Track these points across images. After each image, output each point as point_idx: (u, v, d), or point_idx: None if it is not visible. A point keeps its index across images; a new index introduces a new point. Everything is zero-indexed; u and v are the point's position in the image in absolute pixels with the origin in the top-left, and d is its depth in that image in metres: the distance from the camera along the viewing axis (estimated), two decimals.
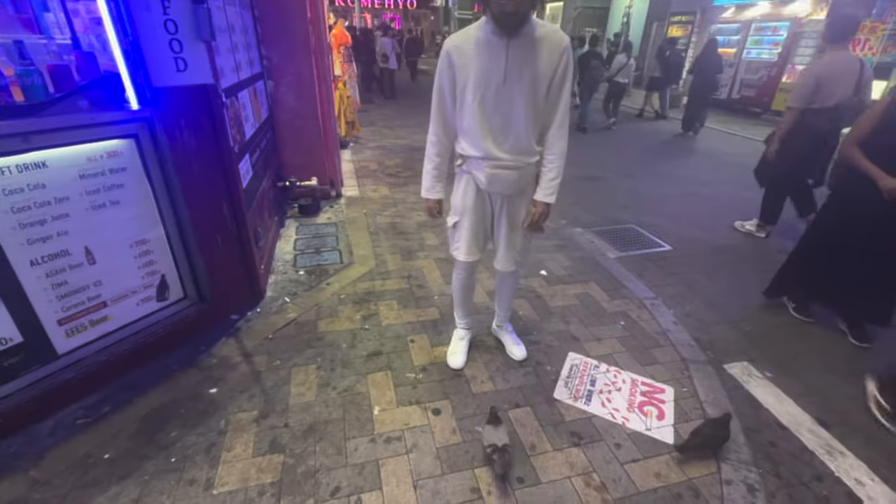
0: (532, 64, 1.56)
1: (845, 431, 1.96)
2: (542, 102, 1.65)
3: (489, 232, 1.97)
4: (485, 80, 1.59)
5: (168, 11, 1.76)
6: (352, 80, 6.61)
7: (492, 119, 1.65)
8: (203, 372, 2.06)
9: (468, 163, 1.79)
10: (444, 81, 1.67)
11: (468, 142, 1.73)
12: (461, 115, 1.70)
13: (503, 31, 1.51)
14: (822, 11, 10.08)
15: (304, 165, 3.84)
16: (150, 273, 2.07)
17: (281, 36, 3.36)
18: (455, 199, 1.90)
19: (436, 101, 1.73)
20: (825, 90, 3.15)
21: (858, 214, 2.40)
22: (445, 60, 1.63)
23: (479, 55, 1.57)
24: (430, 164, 1.85)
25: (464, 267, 2.04)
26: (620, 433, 1.85)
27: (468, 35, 1.61)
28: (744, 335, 2.60)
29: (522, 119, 1.64)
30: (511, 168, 1.72)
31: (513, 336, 2.31)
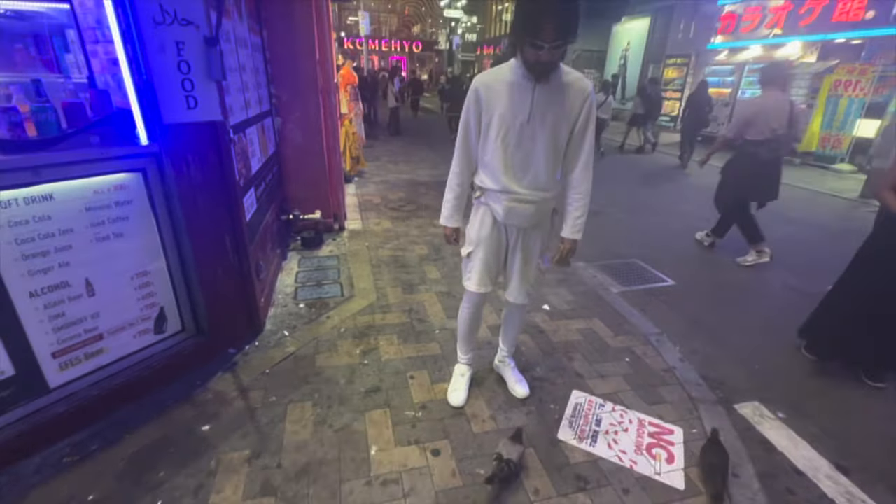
0: (556, 107, 1.64)
1: (866, 478, 1.86)
2: (563, 144, 1.73)
3: (502, 265, 1.99)
4: (509, 118, 1.66)
5: (182, 53, 1.84)
6: (358, 118, 6.81)
7: (513, 156, 1.71)
8: (197, 408, 2.00)
9: (486, 195, 1.84)
10: (470, 116, 1.74)
11: (488, 175, 1.79)
12: (484, 149, 1.76)
13: (534, 77, 1.59)
14: (813, 55, 10.48)
15: (309, 199, 3.90)
16: (149, 305, 2.06)
17: (290, 76, 3.50)
18: (471, 230, 1.93)
19: (462, 135, 1.79)
20: (758, 124, 3.68)
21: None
22: (473, 96, 1.70)
23: (506, 94, 1.64)
24: (452, 193, 1.89)
25: (473, 299, 2.02)
26: (628, 477, 1.77)
27: (498, 75, 1.68)
28: (753, 373, 2.53)
29: (542, 158, 1.71)
30: (528, 202, 1.76)
31: (516, 373, 2.25)
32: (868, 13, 9.24)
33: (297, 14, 3.36)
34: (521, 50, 1.56)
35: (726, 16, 12.55)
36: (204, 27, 1.87)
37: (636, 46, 16.29)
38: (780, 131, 3.67)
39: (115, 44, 1.75)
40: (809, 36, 10.48)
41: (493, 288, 2.00)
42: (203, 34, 1.87)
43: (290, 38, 3.39)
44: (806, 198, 6.74)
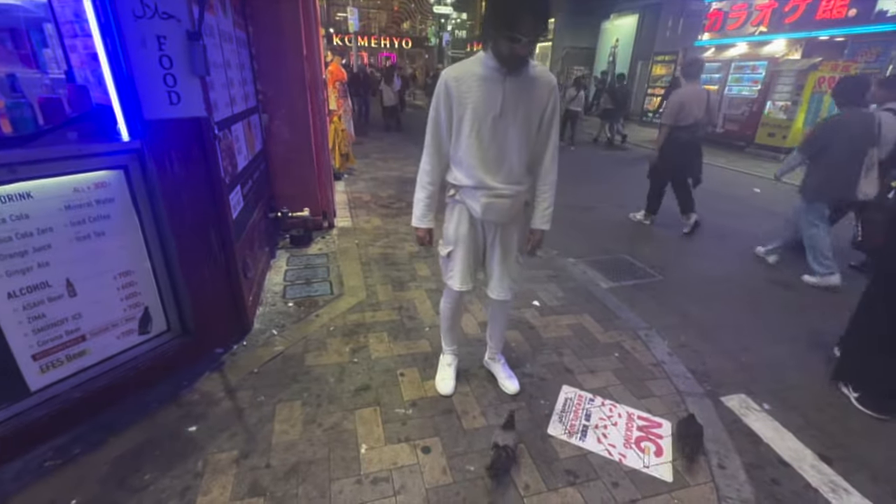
0: (526, 100, 1.65)
1: (849, 467, 1.89)
2: (534, 136, 1.73)
3: (481, 261, 1.98)
4: (482, 112, 1.64)
5: (164, 48, 1.80)
6: (347, 115, 6.76)
7: (487, 150, 1.70)
8: (183, 409, 1.97)
9: (461, 192, 1.82)
10: (440, 111, 1.71)
11: (462, 171, 1.77)
12: (457, 145, 1.74)
13: (507, 70, 1.59)
14: (797, 52, 10.64)
15: (297, 196, 3.85)
16: (133, 305, 2.02)
17: (277, 72, 3.45)
18: (448, 229, 1.91)
19: (432, 131, 1.76)
20: (685, 112, 4.27)
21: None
22: (443, 90, 1.67)
23: (478, 88, 1.63)
24: (424, 192, 1.85)
25: (455, 295, 2.03)
26: (618, 471, 1.78)
27: (467, 69, 1.66)
28: (740, 366, 2.57)
29: (516, 150, 1.71)
30: (505, 196, 1.76)
31: (505, 369, 2.26)
32: (851, 11, 9.40)
33: (283, 9, 3.31)
34: (496, 43, 1.55)
35: (713, 13, 12.67)
36: (186, 21, 1.84)
37: (625, 43, 16.38)
38: (701, 117, 4.32)
39: (94, 38, 1.71)
40: (794, 33, 10.63)
41: (474, 284, 2.00)
42: (185, 28, 1.84)
43: (277, 33, 3.34)
44: (790, 192, 6.83)
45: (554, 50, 18.75)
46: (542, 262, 3.73)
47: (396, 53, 30.60)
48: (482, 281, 2.06)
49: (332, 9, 29.00)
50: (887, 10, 8.89)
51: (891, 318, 2.12)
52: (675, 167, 4.56)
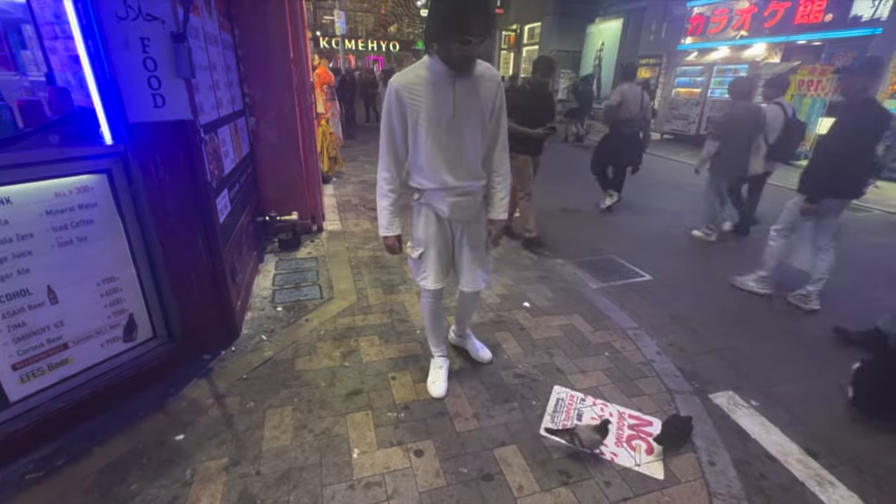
0: (475, 98, 1.70)
1: (834, 461, 1.93)
2: (486, 131, 1.79)
3: (451, 258, 2.03)
4: (436, 116, 1.67)
5: (148, 50, 1.77)
6: (335, 118, 6.73)
7: (446, 152, 1.73)
8: (170, 417, 1.94)
9: (426, 195, 1.85)
10: (394, 120, 1.71)
11: (424, 176, 1.79)
12: (416, 151, 1.76)
13: (457, 72, 1.61)
14: (777, 56, 10.89)
15: (285, 200, 3.82)
16: (118, 312, 1.98)
17: (263, 75, 3.42)
18: (417, 232, 1.94)
19: (386, 140, 1.76)
20: (624, 108, 4.97)
21: None
22: (394, 99, 1.67)
23: (428, 93, 1.65)
24: (386, 200, 1.84)
25: (433, 294, 2.05)
26: (609, 470, 1.79)
27: (416, 75, 1.67)
28: (727, 364, 2.61)
29: (472, 148, 1.77)
30: (469, 194, 1.83)
31: (475, 342, 2.41)
32: (827, 16, 9.66)
33: (269, 11, 3.29)
34: (444, 47, 1.56)
35: (695, 18, 12.91)
36: (171, 23, 1.81)
37: (610, 47, 16.59)
38: (636, 113, 5.03)
39: (76, 40, 1.68)
40: (773, 38, 10.88)
41: (447, 280, 2.04)
42: (170, 30, 1.81)
43: (263, 35, 3.32)
44: (775, 194, 6.97)
45: (540, 52, 18.92)
46: (531, 264, 3.75)
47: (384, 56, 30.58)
48: (453, 277, 2.10)
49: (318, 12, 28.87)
50: (861, 15, 9.17)
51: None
52: (618, 156, 5.33)
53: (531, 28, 19.97)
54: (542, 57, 3.84)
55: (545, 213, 5.30)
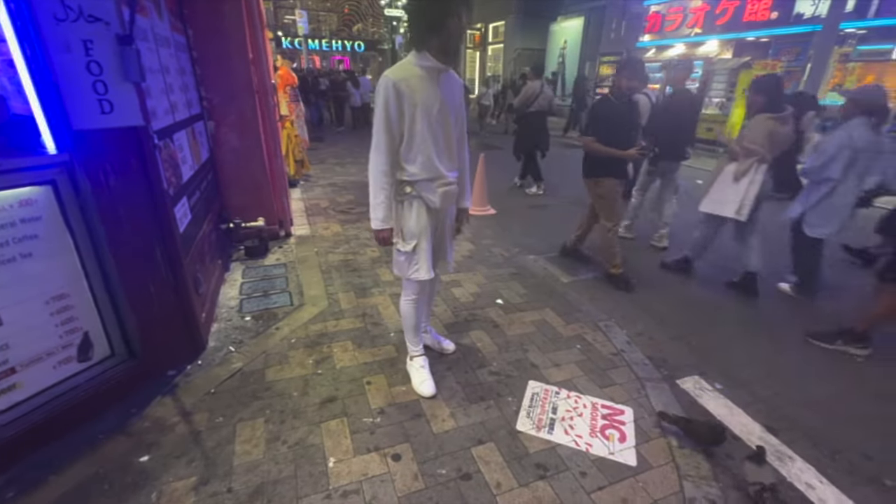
0: (452, 94, 1.87)
1: (793, 436, 2.04)
2: (458, 126, 1.95)
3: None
4: (428, 106, 1.77)
5: (91, 53, 1.68)
6: (299, 120, 6.58)
7: (439, 141, 1.84)
8: (133, 438, 1.85)
9: (418, 187, 1.89)
10: (391, 112, 1.76)
11: (419, 167, 1.85)
12: (411, 142, 1.82)
13: (448, 61, 1.75)
14: (729, 52, 11.39)
15: (250, 206, 3.71)
16: (71, 331, 1.87)
17: (221, 77, 3.30)
18: (409, 225, 1.95)
19: (384, 132, 1.79)
20: (534, 101, 5.97)
21: None
22: (393, 92, 1.73)
23: (422, 86, 1.76)
24: (384, 193, 1.87)
25: (420, 287, 2.08)
26: (585, 460, 1.83)
27: (408, 70, 1.77)
28: (693, 350, 2.71)
29: (454, 140, 1.93)
30: (454, 183, 1.98)
31: (436, 335, 2.51)
32: (773, 14, 10.18)
33: (225, 11, 3.18)
34: (446, 30, 1.68)
35: (652, 16, 13.35)
36: (115, 24, 1.72)
37: (573, 45, 16.93)
38: (544, 104, 6.05)
39: (10, 43, 1.58)
40: (725, 35, 11.37)
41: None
42: (115, 32, 1.72)
43: (219, 36, 3.20)
44: None
45: (505, 51, 19.11)
46: (503, 261, 3.78)
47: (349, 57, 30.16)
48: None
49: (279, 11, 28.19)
50: (804, 13, 9.70)
51: None
52: (531, 144, 6.24)
53: (495, 27, 20.15)
54: (632, 58, 3.31)
55: (512, 209, 5.37)
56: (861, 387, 2.40)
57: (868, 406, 2.27)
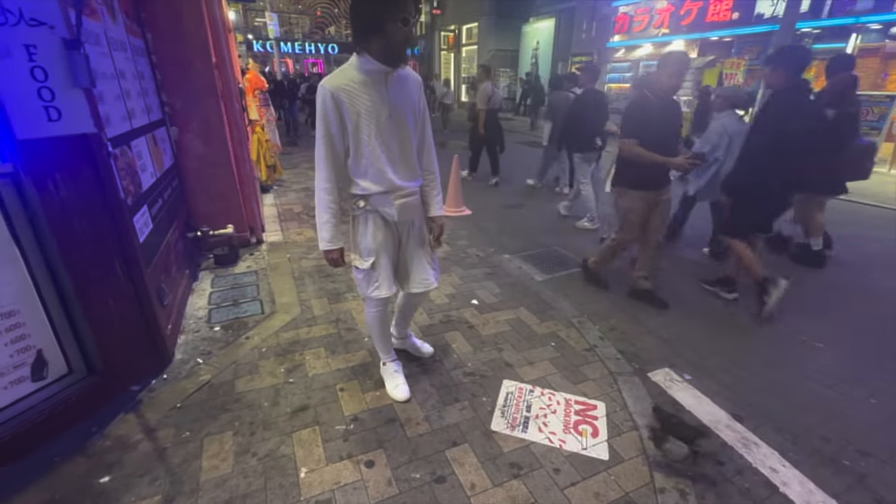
0: (405, 97, 1.72)
1: (757, 423, 2.11)
2: (418, 130, 1.83)
3: (397, 263, 2.00)
4: (374, 114, 1.65)
5: (35, 58, 1.61)
6: (270, 124, 6.47)
7: (388, 151, 1.72)
8: (93, 459, 1.77)
9: (371, 201, 1.79)
10: (331, 124, 1.64)
11: (370, 180, 1.75)
12: (357, 154, 1.71)
13: (395, 63, 1.60)
14: (694, 51, 11.72)
15: (219, 213, 3.61)
16: (22, 350, 1.78)
17: (183, 81, 3.21)
18: (365, 242, 1.86)
19: (325, 147, 1.68)
20: (493, 99, 6.51)
21: None
22: (331, 103, 1.61)
23: (364, 93, 1.63)
24: (328, 213, 1.76)
25: (381, 303, 2.01)
26: (558, 457, 1.84)
27: (347, 76, 1.63)
28: (663, 342, 2.77)
29: (410, 146, 1.79)
30: (412, 194, 1.84)
31: (415, 340, 2.45)
32: (734, 14, 10.54)
33: (185, 14, 3.09)
34: (386, 34, 1.53)
35: (620, 17, 13.65)
36: (61, 28, 1.66)
37: (545, 45, 17.16)
38: (496, 103, 6.64)
39: None
40: (690, 35, 11.72)
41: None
42: (60, 36, 1.65)
43: (180, 40, 3.11)
44: None
45: (479, 53, 19.23)
46: (479, 261, 3.80)
47: (323, 60, 29.81)
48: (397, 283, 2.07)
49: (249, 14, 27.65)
50: (763, 13, 10.08)
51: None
52: (489, 139, 6.66)
53: (469, 28, 20.25)
54: (675, 52, 2.91)
55: (487, 209, 5.40)
56: (820, 372, 2.50)
57: (825, 390, 2.36)
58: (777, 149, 2.75)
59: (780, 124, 2.73)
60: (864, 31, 8.87)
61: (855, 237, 4.62)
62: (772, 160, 2.79)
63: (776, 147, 2.75)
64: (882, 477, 1.83)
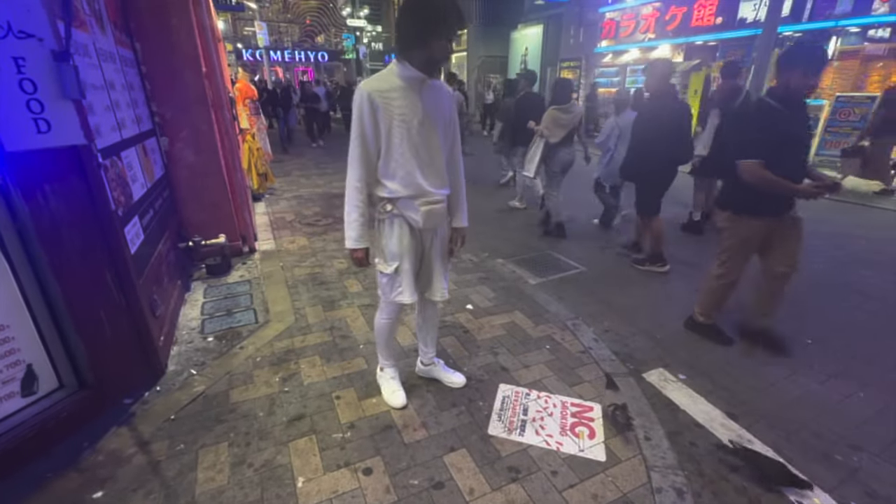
0: (438, 106, 1.76)
1: (751, 420, 2.13)
2: (447, 139, 1.84)
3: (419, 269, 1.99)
4: (408, 119, 1.68)
5: (24, 70, 1.60)
6: (261, 132, 6.46)
7: (420, 156, 1.74)
8: (85, 474, 1.74)
9: (399, 205, 1.80)
10: (366, 125, 1.67)
11: (398, 183, 1.75)
12: (388, 157, 1.73)
13: (431, 74, 1.68)
14: (680, 56, 11.92)
15: (211, 223, 3.60)
16: (12, 364, 1.76)
17: (173, 91, 3.20)
18: (391, 246, 1.85)
19: (359, 146, 1.71)
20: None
21: None
22: (368, 105, 1.64)
23: (400, 98, 1.67)
24: (357, 212, 1.77)
25: (397, 310, 2.01)
26: (556, 459, 1.85)
27: (386, 80, 1.68)
28: (657, 343, 2.79)
29: (439, 155, 1.80)
30: (439, 202, 1.84)
31: (445, 368, 2.32)
32: (718, 19, 10.75)
33: (174, 24, 3.09)
34: (428, 49, 1.61)
35: (607, 22, 13.85)
36: (50, 40, 1.65)
37: (534, 51, 17.36)
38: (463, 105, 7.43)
39: None
40: (675, 39, 11.92)
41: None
42: (49, 48, 1.65)
43: (169, 50, 3.11)
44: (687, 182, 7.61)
45: (469, 59, 19.40)
46: (473, 266, 3.81)
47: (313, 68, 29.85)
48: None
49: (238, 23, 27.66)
50: (746, 18, 10.29)
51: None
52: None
53: (459, 34, 20.42)
54: (805, 44, 2.37)
55: (481, 214, 5.42)
56: (810, 368, 2.54)
57: (816, 386, 2.39)
58: (652, 141, 3.47)
59: (654, 122, 3.48)
60: (844, 34, 9.09)
61: (842, 235, 4.71)
62: (652, 150, 3.49)
63: (653, 140, 3.47)
64: (874, 471, 1.85)
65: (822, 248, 4.18)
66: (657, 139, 3.45)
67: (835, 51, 9.02)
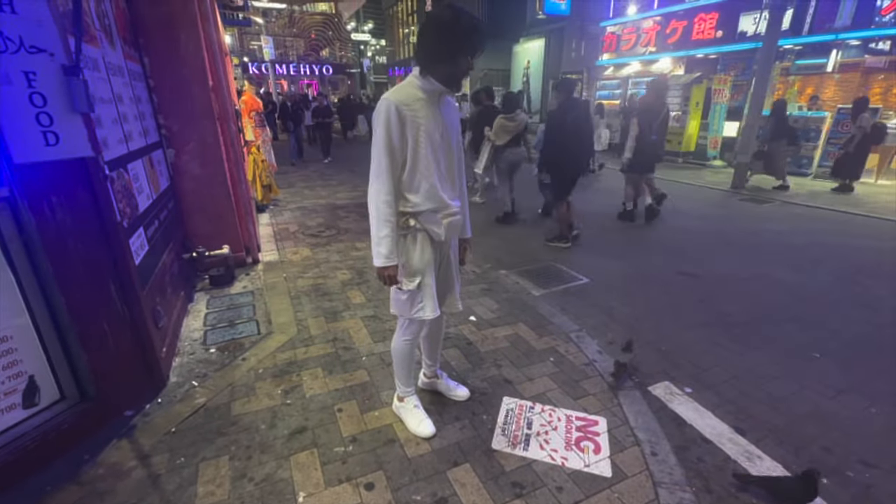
0: (450, 120, 1.80)
1: (759, 435, 2.09)
2: (458, 150, 1.87)
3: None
4: (430, 131, 1.69)
5: (34, 84, 1.63)
6: (266, 145, 6.53)
7: (442, 168, 1.76)
8: (85, 487, 1.72)
9: (422, 219, 1.77)
10: (393, 137, 1.63)
11: (422, 196, 1.73)
12: (414, 168, 1.70)
13: (452, 89, 1.70)
14: (681, 69, 12.03)
15: (214, 234, 3.61)
16: (14, 376, 1.75)
17: (180, 104, 3.24)
18: (413, 261, 1.81)
19: (387, 160, 1.65)
20: None
21: None
22: (395, 117, 1.61)
23: (423, 109, 1.67)
24: (388, 227, 1.69)
25: (420, 326, 1.96)
26: (560, 475, 1.82)
27: (409, 93, 1.67)
28: (662, 355, 2.76)
29: (456, 167, 1.85)
30: (458, 213, 1.87)
31: (449, 381, 2.30)
32: (718, 32, 10.86)
33: (182, 39, 3.14)
34: (452, 65, 1.62)
35: (608, 36, 14.03)
36: (60, 55, 1.68)
37: (536, 64, 17.57)
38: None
39: None
40: (676, 52, 12.04)
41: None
42: (60, 63, 1.68)
43: (177, 64, 3.16)
44: (690, 192, 7.63)
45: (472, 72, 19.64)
46: (476, 277, 3.80)
47: (318, 81, 30.26)
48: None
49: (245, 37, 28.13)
50: (746, 31, 10.39)
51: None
52: None
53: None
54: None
55: (480, 225, 5.43)
56: (819, 382, 2.50)
57: (824, 401, 2.36)
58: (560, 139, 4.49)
59: (560, 124, 4.51)
60: (844, 47, 9.16)
61: (843, 246, 4.68)
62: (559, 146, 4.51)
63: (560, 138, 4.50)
64: (887, 488, 1.81)
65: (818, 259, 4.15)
66: (565, 140, 4.46)
67: (835, 64, 9.07)
